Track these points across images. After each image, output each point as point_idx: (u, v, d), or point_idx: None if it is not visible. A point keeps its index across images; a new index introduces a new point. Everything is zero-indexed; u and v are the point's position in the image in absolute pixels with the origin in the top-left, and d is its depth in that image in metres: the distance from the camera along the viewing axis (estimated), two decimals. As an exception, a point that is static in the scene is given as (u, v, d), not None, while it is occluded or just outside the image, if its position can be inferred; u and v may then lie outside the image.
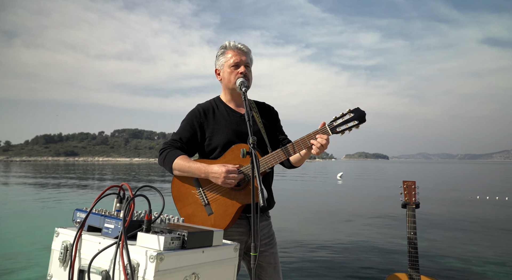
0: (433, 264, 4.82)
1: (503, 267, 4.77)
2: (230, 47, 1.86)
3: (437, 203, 11.61)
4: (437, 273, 4.48)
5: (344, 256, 5.25)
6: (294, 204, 11.39)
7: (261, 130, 1.89)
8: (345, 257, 5.19)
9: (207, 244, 1.13)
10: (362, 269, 4.56)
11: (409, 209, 2.24)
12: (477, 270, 4.64)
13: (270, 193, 1.95)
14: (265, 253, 1.89)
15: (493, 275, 4.43)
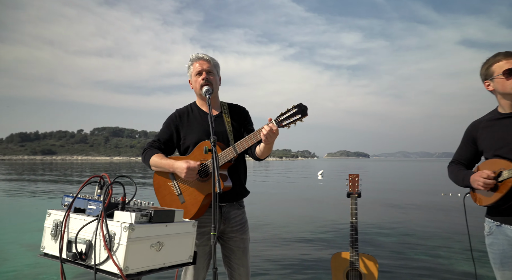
0: (372, 244, 5.34)
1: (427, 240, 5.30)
2: (194, 59, 2.19)
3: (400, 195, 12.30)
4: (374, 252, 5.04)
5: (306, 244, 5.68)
6: (273, 200, 11.80)
7: (227, 130, 2.20)
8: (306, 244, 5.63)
9: (170, 220, 1.46)
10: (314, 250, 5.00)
11: (352, 198, 2.62)
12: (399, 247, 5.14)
13: (241, 184, 2.25)
14: (235, 238, 2.19)
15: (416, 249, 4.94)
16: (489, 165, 1.91)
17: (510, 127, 1.86)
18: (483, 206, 1.95)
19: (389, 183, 20.83)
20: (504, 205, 1.83)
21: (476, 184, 1.88)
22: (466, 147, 2.09)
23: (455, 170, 2.11)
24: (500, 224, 1.88)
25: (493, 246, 1.92)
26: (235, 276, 2.18)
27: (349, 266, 2.45)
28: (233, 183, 2.13)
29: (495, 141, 1.91)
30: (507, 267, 1.85)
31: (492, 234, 1.93)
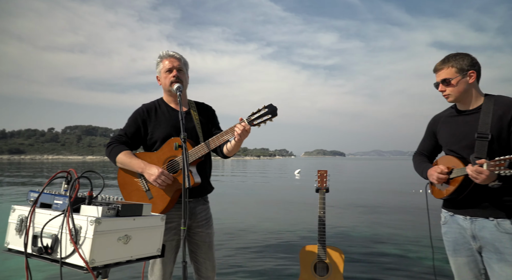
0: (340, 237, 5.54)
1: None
2: (164, 56, 2.21)
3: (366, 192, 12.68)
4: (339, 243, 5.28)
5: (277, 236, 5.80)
6: (247, 198, 11.87)
7: (196, 126, 2.24)
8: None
9: (138, 214, 1.48)
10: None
11: (321, 193, 2.72)
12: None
13: (207, 180, 2.30)
14: (201, 233, 2.24)
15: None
16: (445, 161, 2.03)
17: (465, 124, 1.96)
18: (439, 198, 2.08)
19: (362, 180, 21.38)
20: (456, 198, 1.96)
21: (431, 178, 2.01)
22: (428, 139, 2.21)
23: (418, 161, 2.22)
24: (453, 214, 2.02)
25: (447, 235, 2.05)
26: (202, 270, 2.23)
27: (316, 258, 2.54)
28: (201, 179, 2.18)
29: (450, 137, 2.02)
30: (459, 253, 1.99)
31: (446, 224, 2.06)
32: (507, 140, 1.85)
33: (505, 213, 1.83)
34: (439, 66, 1.98)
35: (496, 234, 1.83)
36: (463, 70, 1.91)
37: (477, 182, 1.72)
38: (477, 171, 1.70)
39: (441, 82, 1.97)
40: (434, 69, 2.02)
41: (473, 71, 1.92)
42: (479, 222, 1.88)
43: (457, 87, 1.93)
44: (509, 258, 1.79)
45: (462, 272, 1.99)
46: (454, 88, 1.94)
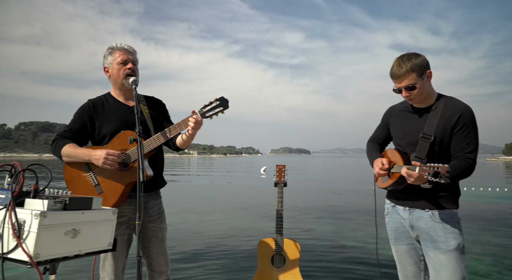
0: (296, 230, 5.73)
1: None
2: (117, 48, 2.17)
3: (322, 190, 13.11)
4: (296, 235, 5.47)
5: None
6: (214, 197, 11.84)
7: (147, 120, 2.22)
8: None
9: (87, 208, 1.45)
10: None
11: (279, 187, 2.78)
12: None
13: (159, 174, 2.29)
14: (154, 228, 2.22)
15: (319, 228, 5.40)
16: (390, 154, 2.13)
17: (414, 122, 2.03)
18: (381, 188, 2.19)
19: (324, 176, 21.96)
20: (395, 190, 2.08)
21: (374, 170, 2.10)
22: (382, 128, 2.29)
23: (370, 148, 2.30)
24: (394, 205, 2.13)
25: (390, 224, 2.17)
26: (155, 265, 2.22)
27: (274, 250, 2.60)
28: (154, 173, 2.17)
29: (399, 132, 2.11)
30: (400, 242, 2.11)
31: (389, 214, 2.18)
32: (448, 144, 1.91)
33: (439, 205, 1.94)
34: (398, 72, 1.92)
35: (430, 224, 1.94)
36: (422, 72, 1.90)
37: (409, 182, 1.81)
38: (408, 173, 1.77)
39: (405, 89, 1.92)
40: (394, 76, 1.94)
41: (430, 71, 1.93)
42: (416, 213, 1.99)
43: (420, 90, 1.92)
44: (442, 245, 1.90)
45: (402, 259, 2.10)
46: (418, 91, 1.92)
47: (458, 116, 1.90)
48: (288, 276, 2.51)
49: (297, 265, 2.55)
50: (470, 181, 18.62)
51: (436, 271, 1.92)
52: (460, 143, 1.89)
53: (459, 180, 1.91)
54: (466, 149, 1.89)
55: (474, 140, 1.90)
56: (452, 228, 1.92)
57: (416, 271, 2.08)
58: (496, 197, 11.54)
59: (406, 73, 1.90)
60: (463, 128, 1.89)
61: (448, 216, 1.93)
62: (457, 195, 2.00)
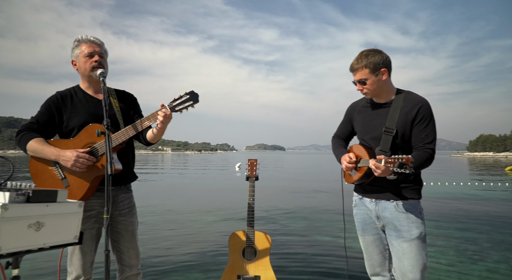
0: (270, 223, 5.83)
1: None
2: (83, 40, 2.12)
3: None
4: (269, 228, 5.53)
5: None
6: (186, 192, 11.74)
7: (116, 114, 2.19)
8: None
9: (51, 200, 1.42)
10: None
11: (251, 180, 2.81)
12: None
13: (129, 168, 2.27)
14: (124, 222, 2.20)
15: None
16: (356, 149, 2.20)
17: (376, 117, 2.12)
18: (349, 183, 2.27)
19: (297, 172, 22.28)
20: (363, 184, 2.16)
21: (342, 165, 2.18)
22: (345, 124, 2.36)
23: (335, 144, 2.37)
24: (362, 198, 2.22)
25: (357, 216, 2.26)
26: (125, 259, 2.21)
27: (245, 243, 2.63)
28: (122, 166, 2.15)
29: (362, 127, 2.19)
30: (366, 232, 2.20)
31: (356, 206, 2.27)
32: (409, 136, 2.00)
33: (403, 196, 2.05)
34: (354, 66, 2.05)
35: (395, 214, 2.04)
36: (376, 69, 2.00)
37: (376, 175, 1.88)
38: (375, 165, 1.85)
39: (359, 82, 2.06)
40: (351, 69, 2.09)
41: (385, 68, 2.02)
42: (382, 204, 2.09)
43: (372, 86, 2.03)
44: (405, 234, 2.00)
45: (369, 248, 2.20)
46: (370, 86, 2.04)
47: (417, 109, 2.00)
48: (259, 268, 2.55)
49: (268, 257, 2.60)
50: (437, 176, 19.47)
51: (399, 259, 2.02)
52: (420, 134, 1.99)
53: (421, 169, 2.01)
54: (426, 139, 1.99)
55: (432, 131, 2.01)
56: (415, 217, 2.02)
57: (382, 260, 2.17)
58: (460, 192, 12.13)
59: (359, 68, 2.03)
60: (422, 121, 1.99)
61: (411, 206, 2.03)
62: (419, 186, 2.11)
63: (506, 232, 5.94)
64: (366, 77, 2.02)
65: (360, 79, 2.04)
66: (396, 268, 2.05)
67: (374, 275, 2.22)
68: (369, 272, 2.25)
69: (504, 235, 5.75)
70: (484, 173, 23.65)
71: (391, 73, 2.11)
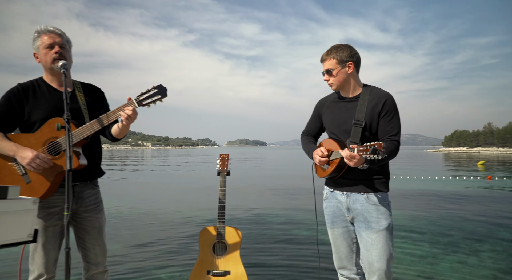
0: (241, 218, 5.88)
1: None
2: (42, 31, 2.03)
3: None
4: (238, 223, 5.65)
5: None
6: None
7: (81, 107, 2.12)
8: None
9: (1, 197, 1.35)
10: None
11: (222, 176, 2.79)
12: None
13: (96, 163, 2.20)
14: (90, 218, 2.14)
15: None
16: (327, 143, 2.23)
17: (345, 111, 2.16)
18: (321, 178, 2.29)
19: (276, 168, 22.41)
20: (335, 177, 2.19)
21: (315, 160, 2.21)
22: (314, 120, 2.39)
23: (305, 141, 2.39)
24: (333, 190, 2.25)
25: (327, 209, 2.28)
26: (91, 256, 2.15)
27: (215, 239, 2.61)
28: (88, 162, 2.09)
29: (332, 121, 2.23)
30: (336, 225, 2.23)
31: (327, 199, 2.29)
32: (376, 128, 2.09)
33: (373, 188, 2.11)
34: (324, 57, 2.15)
35: (365, 205, 2.10)
36: (343, 61, 2.09)
37: (351, 165, 1.91)
38: (350, 155, 1.88)
39: (326, 72, 2.15)
40: (321, 60, 2.17)
41: (351, 62, 2.10)
42: (353, 196, 2.14)
43: (338, 77, 2.11)
44: (374, 225, 2.06)
45: (337, 241, 2.23)
46: (336, 78, 2.12)
47: (383, 102, 2.08)
48: (229, 263, 2.54)
49: (239, 252, 2.59)
50: (414, 170, 19.99)
51: (367, 249, 2.07)
52: (386, 127, 2.07)
53: (389, 160, 2.07)
54: (391, 132, 2.07)
55: (397, 124, 2.09)
56: (384, 209, 2.09)
57: (349, 253, 2.22)
58: (435, 186, 12.50)
59: (327, 59, 2.13)
60: (388, 114, 2.07)
61: (381, 198, 2.10)
62: (388, 179, 2.18)
63: (477, 224, 6.15)
64: (332, 67, 2.11)
65: (328, 69, 2.12)
66: (364, 258, 2.10)
67: (341, 268, 2.26)
68: (337, 265, 2.28)
69: (475, 227, 5.97)
70: (458, 168, 24.48)
71: (359, 69, 2.19)
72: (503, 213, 7.30)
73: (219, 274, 2.50)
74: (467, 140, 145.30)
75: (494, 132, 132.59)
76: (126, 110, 1.98)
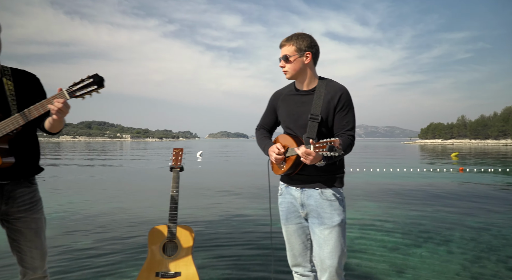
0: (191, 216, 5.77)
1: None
2: None
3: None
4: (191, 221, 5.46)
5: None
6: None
7: (8, 98, 1.91)
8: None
9: None
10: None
11: (175, 171, 2.63)
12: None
13: (29, 160, 2.00)
14: (25, 218, 1.95)
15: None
16: (282, 139, 2.12)
17: (301, 105, 2.06)
18: (277, 175, 2.18)
19: (251, 162, 22.34)
20: (291, 174, 2.10)
21: (271, 157, 2.10)
22: (269, 114, 2.27)
23: (260, 136, 2.27)
24: (288, 186, 2.16)
25: (282, 205, 2.19)
26: (27, 260, 1.97)
27: (166, 238, 2.47)
28: (19, 159, 1.89)
29: (287, 116, 2.12)
30: (290, 221, 2.14)
31: (282, 195, 2.20)
32: (332, 123, 2.02)
33: (328, 184, 2.04)
34: (283, 42, 2.06)
35: (319, 201, 2.02)
36: (301, 50, 2.01)
37: (307, 163, 1.81)
38: (306, 152, 1.78)
39: (282, 58, 2.04)
40: (279, 45, 2.09)
41: (309, 52, 2.02)
42: (307, 192, 2.06)
43: (293, 65, 2.02)
44: (327, 221, 2.00)
45: (291, 238, 2.15)
46: (292, 65, 2.03)
47: (339, 96, 2.00)
48: (180, 264, 2.41)
49: (190, 253, 2.46)
50: (389, 162, 20.36)
51: (319, 246, 2.01)
52: (341, 121, 2.00)
53: (345, 155, 1.99)
54: (347, 126, 2.00)
55: (352, 118, 2.03)
56: (337, 205, 2.02)
57: (303, 249, 2.15)
58: (409, 177, 12.73)
59: (286, 44, 2.04)
60: (343, 108, 2.00)
61: (335, 194, 2.04)
62: (342, 174, 2.11)
63: (449, 215, 6.25)
64: (290, 53, 2.03)
65: (285, 54, 2.03)
66: (316, 255, 2.05)
67: (295, 265, 2.19)
68: (291, 262, 2.20)
69: (446, 217, 6.08)
70: (433, 159, 25.13)
71: (316, 62, 2.11)
72: (473, 203, 7.48)
73: (168, 276, 2.36)
74: (442, 132, 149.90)
75: (467, 125, 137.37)
76: (56, 103, 1.78)
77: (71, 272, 3.48)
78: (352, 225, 5.42)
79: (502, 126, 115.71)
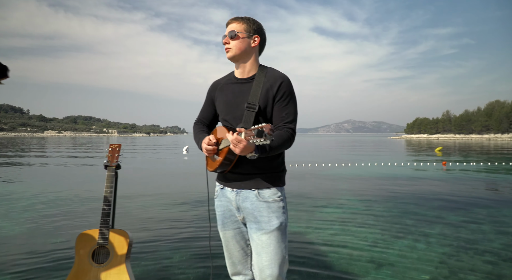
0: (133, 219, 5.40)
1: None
2: None
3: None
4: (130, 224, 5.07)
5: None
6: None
7: None
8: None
9: None
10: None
11: (109, 169, 2.38)
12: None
13: None
14: None
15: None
16: (218, 131, 1.93)
17: (239, 94, 1.88)
18: (212, 172, 1.96)
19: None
20: (225, 171, 1.88)
21: (203, 150, 1.88)
22: (207, 107, 2.08)
23: (196, 131, 2.08)
24: (223, 187, 1.96)
25: (218, 208, 1.99)
26: None
27: (96, 244, 2.22)
28: None
29: (225, 106, 1.93)
30: (226, 227, 1.94)
31: (217, 197, 2.00)
32: (271, 113, 1.84)
33: (265, 184, 1.84)
34: (231, 20, 1.91)
35: (256, 203, 1.82)
36: (250, 31, 1.88)
37: (237, 152, 1.62)
38: (236, 139, 1.59)
39: (228, 35, 1.86)
40: (227, 23, 1.93)
41: (258, 36, 1.90)
42: (243, 193, 1.86)
43: (240, 43, 1.85)
44: (265, 226, 1.80)
45: (229, 245, 1.96)
46: (237, 42, 1.85)
47: (278, 85, 1.82)
48: (112, 273, 2.16)
49: (124, 260, 2.21)
50: (375, 157, 20.39)
51: (257, 253, 1.81)
52: (281, 112, 1.82)
53: (282, 150, 1.80)
54: (286, 118, 1.81)
55: (293, 110, 1.84)
56: (276, 206, 1.82)
57: (243, 257, 1.95)
58: (394, 172, 12.69)
59: (236, 22, 1.89)
60: (283, 98, 1.82)
61: (274, 194, 1.84)
62: (283, 172, 1.92)
63: (430, 209, 6.19)
64: (239, 30, 1.87)
65: (233, 30, 1.87)
66: (255, 264, 1.85)
67: (235, 274, 1.99)
68: (230, 271, 2.00)
69: (427, 211, 6.03)
70: (418, 153, 25.32)
71: (261, 51, 1.97)
72: (455, 197, 7.48)
73: (97, 286, 2.12)
74: (427, 127, 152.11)
75: (452, 120, 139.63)
76: None
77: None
78: (332, 221, 5.36)
79: (486, 121, 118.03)
